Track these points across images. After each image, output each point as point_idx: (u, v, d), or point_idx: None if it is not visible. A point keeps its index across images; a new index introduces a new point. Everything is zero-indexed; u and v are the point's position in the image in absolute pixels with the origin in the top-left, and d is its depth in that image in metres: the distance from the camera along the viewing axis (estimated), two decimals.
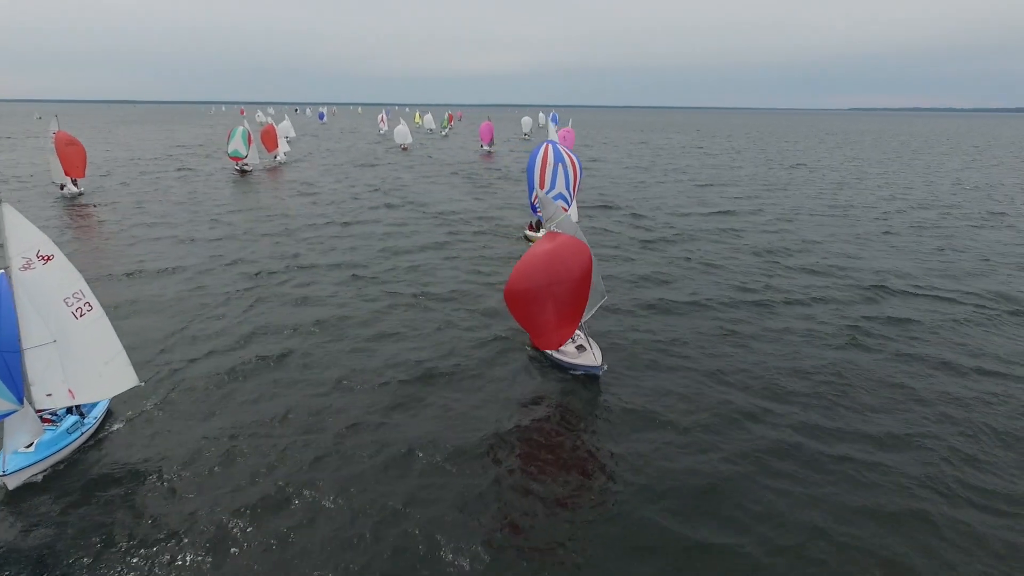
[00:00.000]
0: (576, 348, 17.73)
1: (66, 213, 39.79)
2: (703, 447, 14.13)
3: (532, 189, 30.13)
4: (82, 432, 13.99)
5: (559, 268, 15.98)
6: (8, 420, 12.31)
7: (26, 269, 12.66)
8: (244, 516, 11.61)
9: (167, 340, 19.32)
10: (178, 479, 12.70)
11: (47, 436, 13.33)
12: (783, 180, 63.13)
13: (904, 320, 22.29)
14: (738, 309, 23.33)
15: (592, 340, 18.23)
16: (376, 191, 51.71)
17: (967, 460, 13.84)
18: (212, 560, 10.62)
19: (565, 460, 13.80)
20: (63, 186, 45.65)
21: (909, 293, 25.52)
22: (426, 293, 24.59)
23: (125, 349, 14.08)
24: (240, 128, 62.51)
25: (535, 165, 29.34)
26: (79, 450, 13.66)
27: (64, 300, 13.19)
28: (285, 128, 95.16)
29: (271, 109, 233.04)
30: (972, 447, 14.35)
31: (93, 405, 14.85)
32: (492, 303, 23.51)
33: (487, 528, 11.49)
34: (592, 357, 17.26)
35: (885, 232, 37.59)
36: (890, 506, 12.23)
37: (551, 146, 29.33)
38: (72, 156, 45.47)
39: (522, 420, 15.37)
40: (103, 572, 10.33)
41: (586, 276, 16.00)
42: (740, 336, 20.65)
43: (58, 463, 13.12)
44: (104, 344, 13.88)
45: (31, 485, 12.44)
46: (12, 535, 11.17)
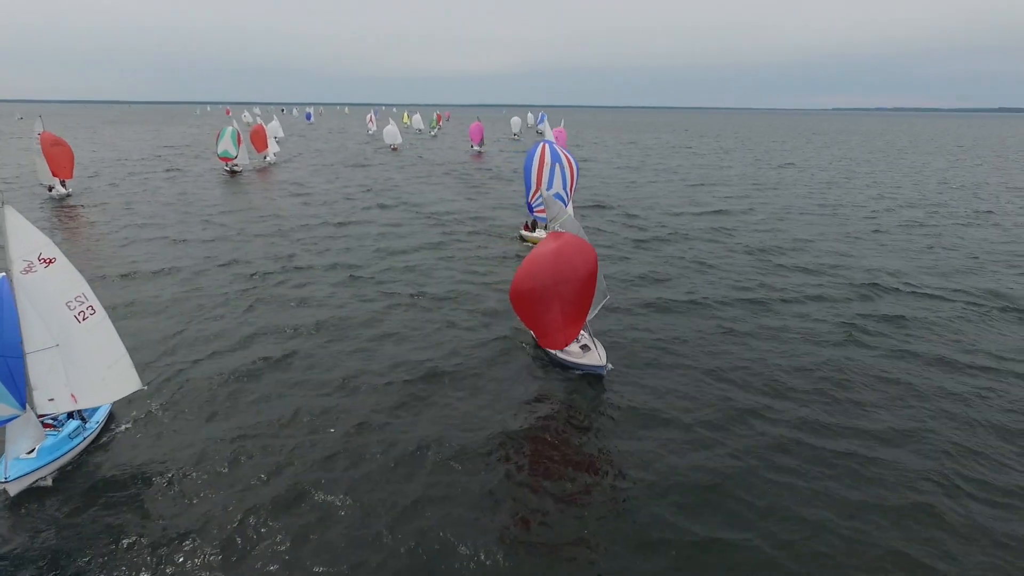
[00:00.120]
0: (580, 348, 17.79)
1: (56, 215, 39.26)
2: (707, 444, 14.27)
3: (529, 189, 30.17)
4: (84, 437, 13.85)
5: (564, 268, 16.02)
6: (10, 426, 12.17)
7: (27, 272, 12.49)
8: (256, 516, 11.59)
9: (167, 342, 19.17)
10: (187, 481, 12.64)
11: (49, 441, 13.18)
12: (773, 180, 63.65)
13: (898, 317, 22.59)
14: (734, 307, 23.53)
15: (596, 339, 18.29)
16: (368, 191, 51.53)
17: (966, 453, 14.09)
18: (227, 560, 10.59)
19: (572, 458, 13.88)
20: (51, 187, 45.04)
21: (902, 291, 25.87)
22: (424, 294, 24.56)
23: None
24: (229, 128, 62.00)
25: (532, 165, 29.38)
26: (84, 454, 13.55)
27: (66, 304, 13.02)
28: (274, 128, 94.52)
29: (257, 109, 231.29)
30: (971, 440, 14.61)
31: (95, 409, 14.71)
32: (491, 303, 23.54)
33: (499, 525, 11.56)
34: (597, 356, 17.32)
35: (875, 231, 38.04)
36: (892, 499, 12.43)
37: (548, 146, 29.39)
38: (59, 157, 44.84)
39: (527, 419, 15.43)
40: (116, 575, 10.25)
41: (592, 276, 16.07)
42: (738, 334, 20.83)
43: (64, 468, 12.99)
44: (107, 348, 13.72)
45: (40, 490, 12.32)
46: (21, 539, 11.06)
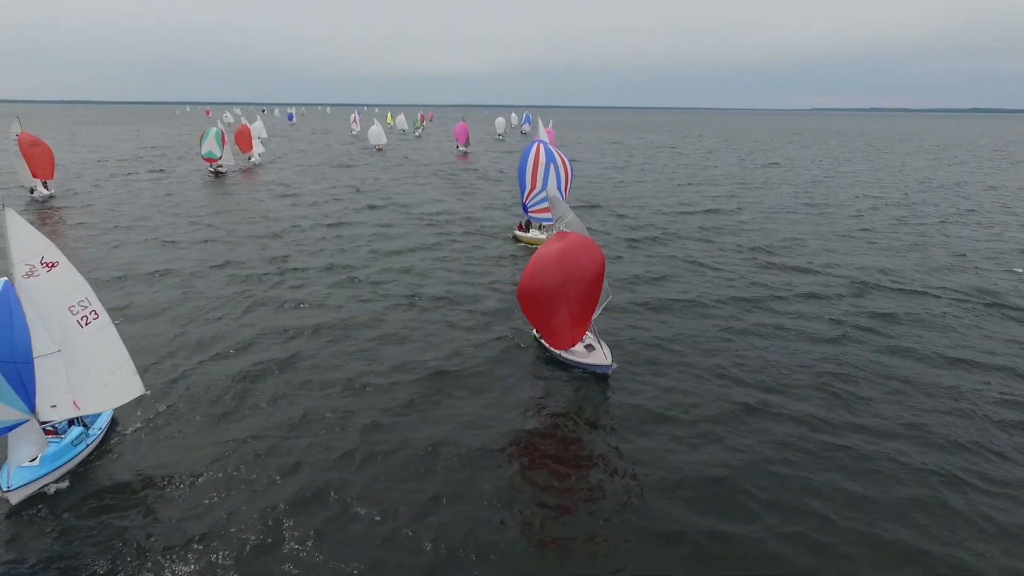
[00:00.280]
0: (585, 348, 17.86)
1: (40, 217, 38.51)
2: (711, 439, 14.48)
3: (524, 189, 30.20)
4: (87, 444, 13.63)
5: (571, 268, 16.07)
6: (12, 434, 11.95)
7: (29, 276, 12.30)
8: (273, 517, 11.54)
9: (167, 345, 18.96)
10: (199, 484, 12.53)
11: (51, 449, 12.95)
12: (759, 179, 64.39)
13: (891, 314, 23.00)
14: (730, 306, 23.79)
15: (601, 339, 18.38)
16: (357, 192, 51.24)
17: (964, 445, 14.42)
18: (245, 562, 10.52)
19: (581, 455, 14.02)
20: (33, 189, 44.15)
21: (892, 288, 26.33)
22: (423, 295, 24.50)
23: None
24: (213, 129, 61.23)
25: (527, 165, 29.42)
26: (89, 461, 13.33)
27: (69, 308, 12.84)
28: (258, 129, 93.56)
29: (238, 110, 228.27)
30: (968, 433, 14.96)
31: (97, 415, 14.48)
32: (490, 303, 23.55)
33: (515, 522, 11.66)
34: (602, 356, 17.40)
35: (863, 229, 38.65)
36: (893, 491, 12.70)
37: (542, 146, 29.45)
38: (38, 157, 43.99)
39: (534, 417, 15.53)
40: None
41: (599, 276, 16.15)
42: (735, 332, 21.07)
43: (68, 475, 12.76)
44: (110, 353, 13.55)
45: (46, 497, 12.12)
46: (28, 548, 10.87)
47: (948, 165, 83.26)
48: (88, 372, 13.04)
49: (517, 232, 34.11)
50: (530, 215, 31.69)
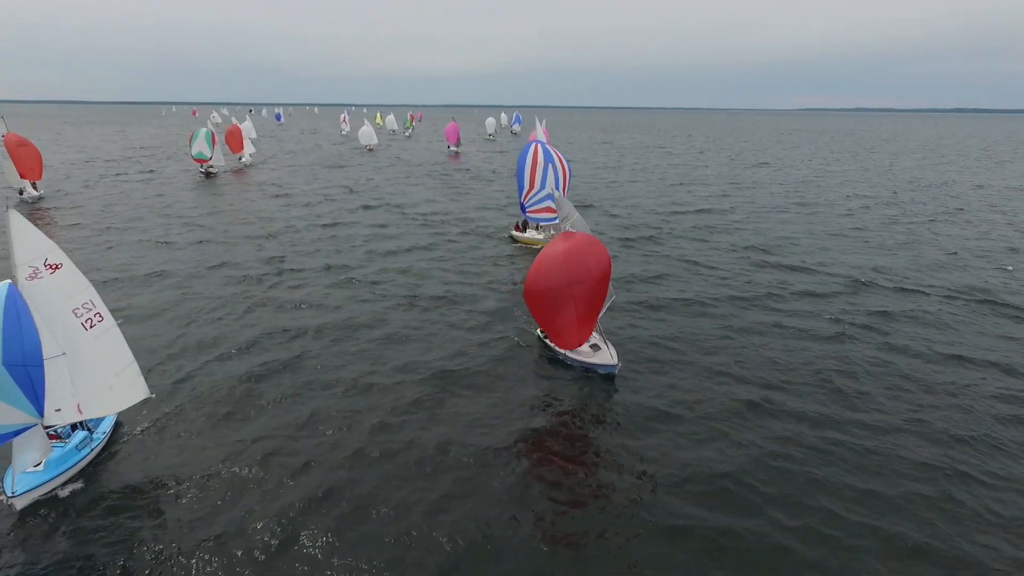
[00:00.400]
0: (590, 347, 17.93)
1: (32, 219, 37.64)
2: (715, 436, 14.65)
3: (522, 189, 30.26)
4: (92, 448, 13.52)
5: (577, 268, 16.15)
6: (17, 439, 11.80)
7: (33, 278, 12.21)
8: (287, 517, 11.57)
9: (169, 347, 18.87)
10: (209, 485, 12.51)
11: (56, 454, 12.86)
12: (750, 179, 64.85)
13: (887, 311, 23.31)
14: (727, 304, 23.98)
15: (606, 339, 18.46)
16: (351, 192, 51.10)
17: (965, 440, 14.67)
18: (260, 561, 10.54)
19: (588, 453, 14.12)
20: (22, 191, 43.67)
21: (887, 286, 26.66)
22: (422, 295, 24.50)
23: None
24: (203, 129, 60.77)
25: (525, 165, 29.49)
26: (95, 464, 13.25)
27: (73, 311, 12.76)
28: (247, 129, 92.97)
29: (225, 110, 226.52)
30: (968, 428, 15.20)
31: (101, 419, 14.34)
32: (490, 303, 23.59)
33: (527, 519, 11.74)
34: (608, 356, 17.49)
35: (855, 228, 39.08)
36: (896, 484, 12.94)
37: (540, 146, 29.53)
38: (26, 158, 43.54)
39: (541, 416, 15.61)
40: None
41: (605, 276, 16.24)
42: (734, 330, 21.26)
43: (74, 479, 12.67)
44: (115, 355, 13.47)
45: (53, 500, 12.05)
46: (34, 551, 10.81)
47: (935, 164, 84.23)
48: (92, 375, 12.94)
49: (514, 232, 34.15)
50: (528, 215, 31.74)
